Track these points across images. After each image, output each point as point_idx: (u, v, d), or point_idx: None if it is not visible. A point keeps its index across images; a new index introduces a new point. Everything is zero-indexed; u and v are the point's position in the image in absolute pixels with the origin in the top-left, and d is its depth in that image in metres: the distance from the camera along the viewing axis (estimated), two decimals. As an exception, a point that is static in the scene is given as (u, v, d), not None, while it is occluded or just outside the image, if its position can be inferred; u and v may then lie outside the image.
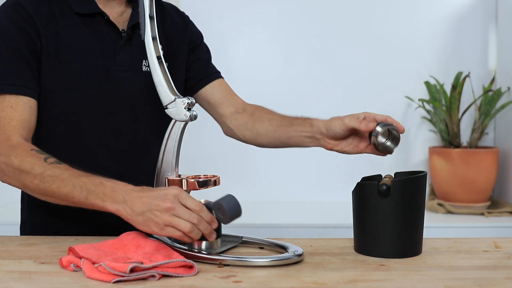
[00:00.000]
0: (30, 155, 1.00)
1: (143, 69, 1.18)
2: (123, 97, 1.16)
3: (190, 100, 0.98)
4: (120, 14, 1.18)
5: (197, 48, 1.32)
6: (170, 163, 0.99)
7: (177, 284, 0.78)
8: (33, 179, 0.98)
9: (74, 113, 1.13)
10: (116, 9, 1.17)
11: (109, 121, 1.16)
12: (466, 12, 2.33)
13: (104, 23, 1.15)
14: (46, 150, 1.06)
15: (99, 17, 1.14)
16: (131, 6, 1.19)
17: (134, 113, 1.18)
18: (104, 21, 1.15)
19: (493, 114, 2.15)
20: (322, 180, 2.36)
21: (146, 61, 1.17)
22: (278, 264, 0.87)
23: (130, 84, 1.16)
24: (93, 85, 1.13)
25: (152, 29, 1.02)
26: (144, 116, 1.19)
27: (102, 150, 1.16)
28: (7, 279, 0.81)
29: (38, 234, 1.16)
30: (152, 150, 1.21)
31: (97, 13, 1.14)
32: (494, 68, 2.32)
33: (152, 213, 0.87)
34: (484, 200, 2.12)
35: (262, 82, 2.36)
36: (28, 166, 0.98)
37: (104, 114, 1.15)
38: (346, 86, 2.35)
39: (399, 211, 0.91)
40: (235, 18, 2.36)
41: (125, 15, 1.18)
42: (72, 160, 1.11)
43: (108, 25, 1.15)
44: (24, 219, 1.22)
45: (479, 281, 0.79)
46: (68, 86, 1.12)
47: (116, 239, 0.94)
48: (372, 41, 2.34)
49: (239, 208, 0.91)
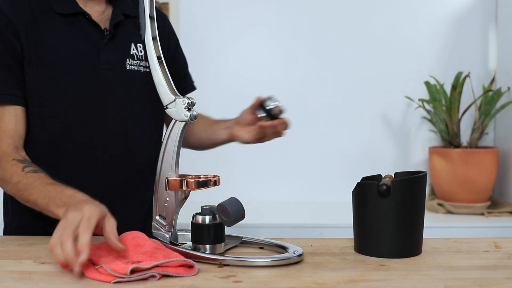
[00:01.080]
0: (11, 165, 1.04)
1: (127, 68, 1.19)
2: (110, 96, 1.17)
3: (190, 100, 0.98)
4: (101, 13, 1.19)
5: (175, 53, 1.34)
6: (170, 163, 0.99)
7: (177, 284, 0.78)
8: (12, 188, 1.04)
9: (63, 113, 1.13)
10: (97, 8, 1.18)
11: (98, 120, 1.16)
12: (466, 12, 2.33)
13: (87, 22, 1.15)
14: (35, 153, 1.08)
15: (81, 17, 1.15)
16: (112, 5, 1.21)
17: (123, 111, 1.19)
18: (86, 20, 1.15)
19: (493, 114, 2.15)
20: (322, 180, 2.36)
21: (130, 60, 1.19)
22: (278, 264, 0.87)
23: (116, 83, 1.17)
24: (79, 85, 1.13)
25: (152, 29, 1.02)
26: (133, 115, 1.20)
27: (93, 149, 1.16)
28: (7, 279, 0.81)
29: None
30: (142, 148, 1.22)
31: (79, 12, 1.15)
32: (494, 68, 2.32)
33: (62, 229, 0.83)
34: (484, 200, 2.12)
35: (262, 82, 2.36)
36: (8, 176, 1.04)
37: (92, 113, 1.15)
38: (346, 86, 2.35)
39: (399, 211, 0.91)
40: (235, 18, 2.36)
41: (106, 14, 1.19)
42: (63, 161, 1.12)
43: (90, 24, 1.16)
44: (9, 222, 1.22)
45: (479, 281, 0.79)
46: (55, 87, 1.12)
47: None
48: (372, 41, 2.34)
49: (243, 210, 0.92)
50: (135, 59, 1.20)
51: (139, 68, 1.20)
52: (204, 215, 0.93)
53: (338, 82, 2.35)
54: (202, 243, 0.93)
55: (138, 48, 1.21)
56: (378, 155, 2.35)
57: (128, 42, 1.20)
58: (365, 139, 2.36)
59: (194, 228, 0.94)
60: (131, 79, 1.19)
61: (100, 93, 1.15)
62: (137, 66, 1.20)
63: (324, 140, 2.36)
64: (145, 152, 1.22)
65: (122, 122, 1.18)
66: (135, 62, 1.20)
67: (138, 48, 1.21)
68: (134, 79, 1.19)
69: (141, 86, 1.20)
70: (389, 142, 2.36)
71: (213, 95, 2.35)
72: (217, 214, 0.93)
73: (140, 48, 1.21)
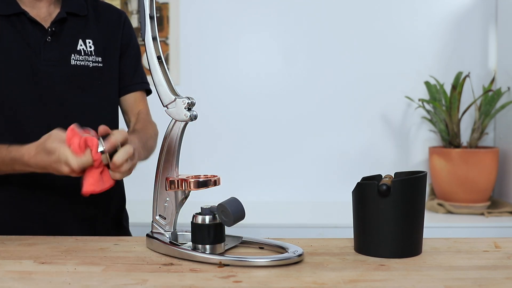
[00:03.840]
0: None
1: (71, 63, 1.21)
2: (52, 92, 1.20)
3: (190, 100, 0.97)
4: (48, 14, 1.23)
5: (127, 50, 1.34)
6: (170, 163, 0.99)
7: (177, 284, 0.78)
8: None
9: (6, 110, 1.17)
10: (43, 10, 1.23)
11: (41, 117, 1.19)
12: (466, 12, 2.33)
13: (28, 21, 1.20)
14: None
15: (23, 16, 1.20)
16: (60, 6, 1.24)
17: (65, 107, 1.21)
18: (27, 19, 1.20)
19: (493, 114, 2.15)
20: (322, 180, 2.36)
21: (75, 55, 1.22)
22: (278, 264, 0.87)
23: (59, 78, 1.20)
24: (20, 81, 1.18)
25: (152, 29, 1.02)
26: (76, 110, 1.22)
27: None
28: (7, 279, 0.81)
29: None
30: None
31: (20, 13, 1.19)
32: (494, 68, 2.32)
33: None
34: (484, 200, 2.12)
35: (262, 81, 2.36)
36: None
37: (35, 110, 1.19)
38: (346, 86, 2.35)
39: (399, 211, 0.91)
40: (235, 18, 2.36)
41: (53, 15, 1.23)
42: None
43: (31, 23, 1.20)
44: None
45: (479, 281, 0.79)
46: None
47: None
48: (372, 41, 2.34)
49: (243, 211, 0.92)
50: (82, 54, 1.23)
51: (87, 63, 1.23)
52: (204, 215, 0.93)
53: (338, 82, 2.35)
54: (202, 243, 0.93)
55: (87, 44, 1.24)
56: (378, 155, 2.35)
57: (74, 39, 1.23)
58: (365, 139, 2.36)
59: (194, 228, 0.94)
60: (76, 75, 1.22)
61: (42, 89, 1.19)
62: (84, 61, 1.23)
63: (324, 140, 2.36)
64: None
65: (66, 116, 1.19)
66: (82, 57, 1.23)
67: (87, 44, 1.24)
68: (80, 75, 1.23)
69: (88, 81, 1.23)
70: (389, 142, 2.36)
71: (213, 95, 2.35)
72: (217, 214, 0.93)
73: (89, 44, 1.24)
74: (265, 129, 2.36)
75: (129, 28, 1.36)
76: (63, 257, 0.94)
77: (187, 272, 0.84)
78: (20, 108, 1.18)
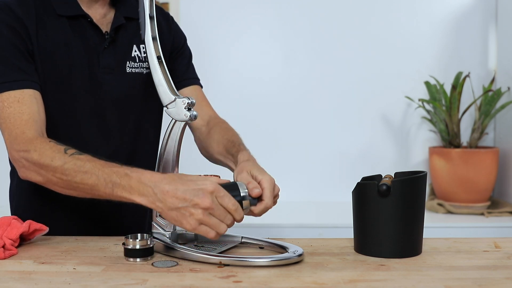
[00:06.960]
0: (49, 147, 0.98)
1: (127, 71, 1.18)
2: (108, 99, 1.16)
3: (190, 100, 0.98)
4: (103, 16, 1.18)
5: (179, 50, 1.32)
6: (170, 163, 0.99)
7: (177, 284, 0.78)
8: (54, 173, 0.95)
9: (63, 116, 1.13)
10: (99, 11, 1.18)
11: (96, 124, 1.16)
12: (466, 12, 2.33)
13: (88, 25, 1.15)
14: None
15: (83, 19, 1.15)
16: (114, 8, 1.20)
17: (121, 115, 1.19)
18: (87, 23, 1.15)
19: (493, 114, 2.15)
20: (322, 180, 2.36)
21: (130, 62, 1.19)
22: (278, 264, 0.87)
23: (115, 86, 1.17)
24: (79, 87, 1.14)
25: (152, 29, 1.02)
26: (131, 118, 1.20)
27: (92, 151, 1.15)
28: (7, 279, 0.81)
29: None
30: (140, 152, 1.22)
31: (80, 15, 1.14)
32: (494, 68, 2.32)
33: (187, 211, 0.85)
34: (484, 200, 2.12)
35: (262, 82, 2.36)
36: (48, 160, 0.96)
37: (91, 116, 1.16)
38: (346, 86, 2.35)
39: (399, 211, 0.91)
40: (235, 18, 2.36)
41: (108, 17, 1.19)
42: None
43: (91, 27, 1.15)
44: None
45: (479, 281, 0.79)
46: (56, 89, 1.12)
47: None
48: (372, 41, 2.34)
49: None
50: (137, 61, 1.19)
51: (141, 70, 1.20)
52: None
53: (338, 82, 2.35)
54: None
55: (141, 50, 1.20)
56: (378, 155, 2.35)
57: (129, 45, 1.19)
58: (365, 139, 2.36)
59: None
60: (131, 82, 1.18)
61: (98, 96, 1.15)
62: (138, 68, 1.19)
63: (324, 140, 2.36)
64: (141, 156, 1.22)
65: (122, 124, 1.19)
66: (136, 64, 1.19)
67: (140, 50, 1.20)
68: (134, 82, 1.19)
69: (141, 88, 1.20)
70: (389, 142, 2.36)
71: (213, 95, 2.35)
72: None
73: (143, 50, 1.20)
74: (265, 129, 2.35)
75: (177, 28, 1.32)
76: (63, 257, 0.94)
77: (187, 272, 0.84)
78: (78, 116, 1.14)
